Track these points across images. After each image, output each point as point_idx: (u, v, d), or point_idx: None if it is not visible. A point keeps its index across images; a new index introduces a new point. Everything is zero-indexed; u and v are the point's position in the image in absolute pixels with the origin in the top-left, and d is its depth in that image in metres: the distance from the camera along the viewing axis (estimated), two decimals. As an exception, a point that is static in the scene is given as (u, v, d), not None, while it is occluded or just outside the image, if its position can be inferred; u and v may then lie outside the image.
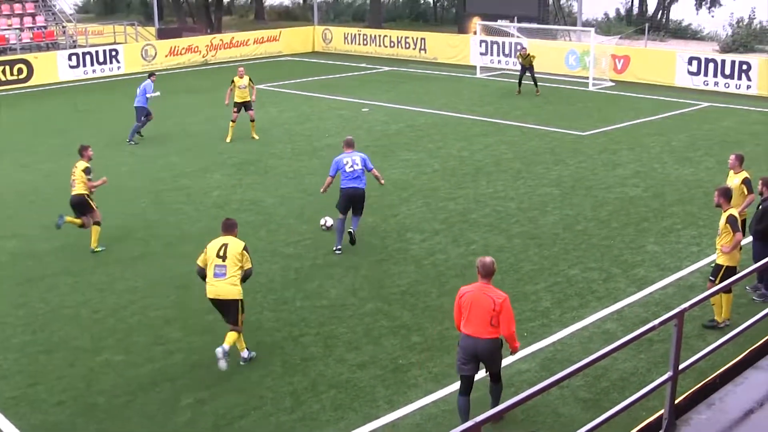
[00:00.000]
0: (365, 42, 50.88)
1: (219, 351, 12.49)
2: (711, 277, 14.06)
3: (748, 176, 15.71)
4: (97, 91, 39.52)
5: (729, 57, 38.44)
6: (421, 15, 70.01)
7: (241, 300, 12.86)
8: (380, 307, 14.91)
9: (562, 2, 63.27)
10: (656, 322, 7.93)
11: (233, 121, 27.39)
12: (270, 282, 16.01)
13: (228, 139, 27.37)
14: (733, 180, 15.69)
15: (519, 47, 40.45)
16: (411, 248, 17.71)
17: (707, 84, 37.12)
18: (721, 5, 60.04)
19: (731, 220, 13.63)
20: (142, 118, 27.97)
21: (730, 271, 13.57)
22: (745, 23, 53.12)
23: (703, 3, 60.72)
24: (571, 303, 14.95)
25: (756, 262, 13.84)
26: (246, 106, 27.22)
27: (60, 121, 31.92)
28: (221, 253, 12.71)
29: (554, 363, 12.78)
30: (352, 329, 14.10)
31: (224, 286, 12.66)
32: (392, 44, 49.73)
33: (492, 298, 10.51)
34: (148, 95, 27.81)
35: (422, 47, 48.17)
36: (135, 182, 23.13)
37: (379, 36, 51.01)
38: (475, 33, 45.07)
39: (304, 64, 48.08)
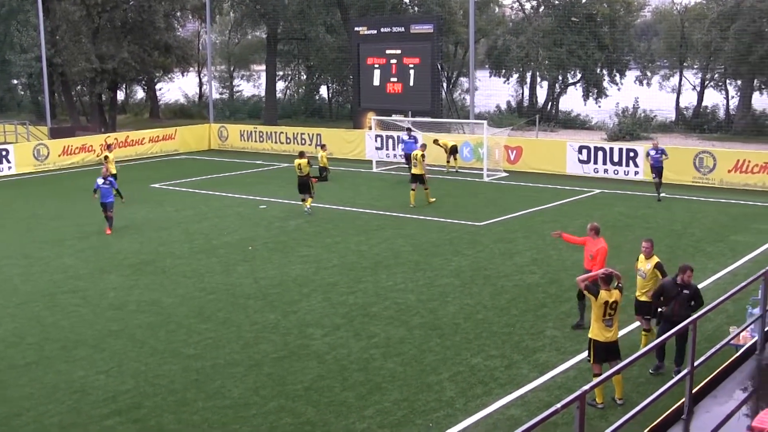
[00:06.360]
0: (261, 139, 51.13)
1: (307, 210, 30.52)
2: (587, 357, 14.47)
3: (659, 261, 16.04)
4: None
5: (616, 145, 39.67)
6: (317, 111, 70.44)
7: (311, 182, 30.81)
8: (284, 404, 14.70)
9: (454, 96, 64.67)
10: (559, 405, 8.02)
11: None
12: (170, 383, 15.66)
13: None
14: (646, 265, 15.99)
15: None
16: (312, 344, 17.57)
17: (597, 171, 38.19)
18: (607, 96, 61.98)
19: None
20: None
21: (596, 344, 13.97)
22: (630, 113, 55.22)
23: (590, 94, 62.57)
24: (475, 391, 14.97)
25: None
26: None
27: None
28: (299, 168, 30.39)
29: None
30: (256, 428, 13.85)
31: (305, 179, 30.34)
32: (288, 140, 50.04)
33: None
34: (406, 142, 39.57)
35: (318, 143, 48.52)
36: (28, 286, 22.55)
37: (275, 132, 51.33)
38: (370, 128, 45.65)
39: (200, 162, 48.00)
